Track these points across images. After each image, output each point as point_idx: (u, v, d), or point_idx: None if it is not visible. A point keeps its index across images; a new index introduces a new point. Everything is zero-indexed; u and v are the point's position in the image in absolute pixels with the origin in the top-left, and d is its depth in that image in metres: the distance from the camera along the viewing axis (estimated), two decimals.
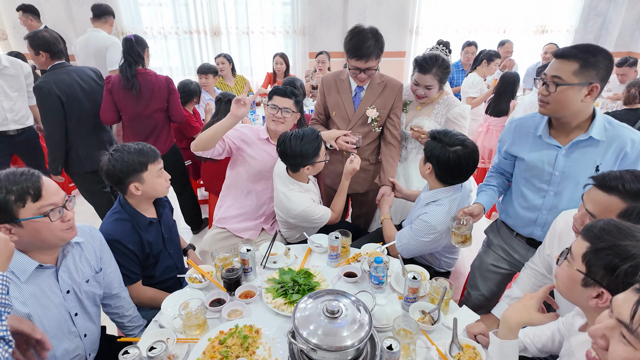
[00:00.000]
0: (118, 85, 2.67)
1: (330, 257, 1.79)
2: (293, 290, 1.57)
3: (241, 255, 1.64)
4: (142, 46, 2.70)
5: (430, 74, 2.09)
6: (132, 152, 1.59)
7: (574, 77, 1.38)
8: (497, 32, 5.49)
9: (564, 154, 1.53)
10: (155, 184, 1.65)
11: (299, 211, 1.94)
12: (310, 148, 1.87)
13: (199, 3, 5.07)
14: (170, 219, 1.87)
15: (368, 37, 1.90)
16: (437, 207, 1.77)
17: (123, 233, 1.60)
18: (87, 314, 1.39)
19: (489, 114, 4.02)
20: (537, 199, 1.64)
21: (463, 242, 1.69)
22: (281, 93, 2.10)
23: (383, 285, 1.60)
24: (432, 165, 1.76)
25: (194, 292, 1.61)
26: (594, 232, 0.96)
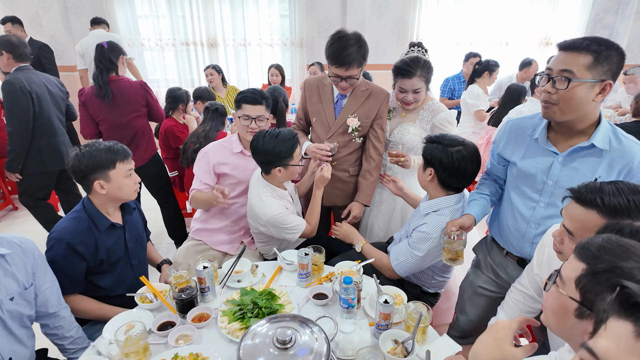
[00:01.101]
0: (91, 96, 2.60)
1: (299, 276, 1.63)
2: (252, 313, 1.40)
3: (197, 273, 1.48)
4: (116, 53, 2.63)
5: (416, 77, 1.95)
6: (102, 149, 1.52)
7: (587, 72, 1.19)
8: (499, 44, 5.36)
9: (561, 161, 1.35)
10: (123, 184, 1.55)
11: (269, 217, 1.79)
12: (283, 147, 1.75)
13: (196, 15, 5.05)
14: (138, 228, 1.74)
15: (350, 43, 1.77)
16: (437, 217, 1.61)
17: (74, 233, 1.48)
18: (11, 334, 1.24)
19: (491, 124, 3.85)
20: (526, 210, 1.46)
21: (454, 260, 1.52)
22: (251, 100, 1.95)
23: (353, 309, 1.43)
24: (435, 170, 1.60)
25: (144, 313, 1.46)
26: (591, 251, 0.78)
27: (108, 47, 2.58)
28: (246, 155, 2.02)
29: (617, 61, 1.19)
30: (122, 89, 2.62)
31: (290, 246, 2.02)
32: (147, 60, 5.34)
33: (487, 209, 1.61)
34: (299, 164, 1.84)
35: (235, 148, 2.03)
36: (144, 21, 5.14)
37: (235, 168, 2.02)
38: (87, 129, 2.71)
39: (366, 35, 5.47)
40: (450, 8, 5.16)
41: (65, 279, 1.48)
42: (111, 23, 4.95)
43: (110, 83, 2.58)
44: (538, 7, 5.20)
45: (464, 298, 1.78)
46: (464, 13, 5.19)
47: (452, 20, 5.22)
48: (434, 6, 5.11)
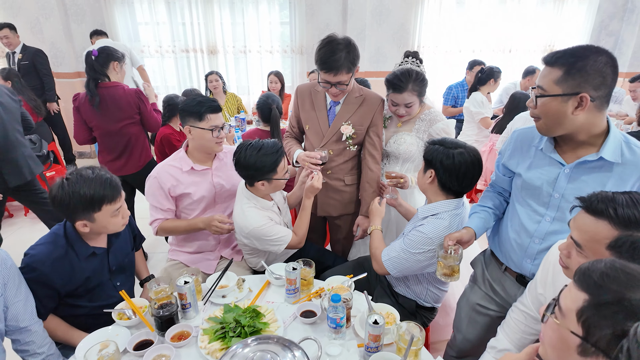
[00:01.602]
0: (85, 101, 2.57)
1: (287, 292, 1.55)
2: (234, 333, 1.32)
3: (177, 289, 1.41)
4: (106, 60, 2.59)
5: (407, 92, 1.89)
6: (89, 185, 1.35)
7: (556, 87, 1.16)
8: (502, 51, 5.29)
9: (567, 173, 1.27)
10: (108, 223, 1.43)
11: (250, 229, 1.72)
12: (266, 161, 1.68)
13: (196, 22, 5.03)
14: (125, 248, 1.64)
15: (339, 48, 1.70)
16: (436, 220, 1.54)
17: (46, 262, 1.38)
18: None
19: (495, 132, 3.77)
20: (530, 224, 1.37)
21: (449, 275, 1.43)
22: (215, 109, 1.83)
23: (342, 329, 1.34)
24: (435, 171, 1.53)
25: (121, 330, 1.38)
26: (594, 279, 0.70)
27: (97, 56, 2.54)
28: (198, 171, 1.90)
29: (596, 71, 1.12)
30: (115, 96, 2.58)
31: (278, 259, 1.94)
32: (147, 67, 5.30)
33: (489, 222, 1.53)
34: (284, 177, 1.77)
35: (185, 166, 1.88)
36: (144, 28, 5.14)
37: (191, 186, 1.89)
38: (80, 135, 2.70)
39: (367, 42, 5.42)
40: (452, 15, 5.10)
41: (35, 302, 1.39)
42: (111, 30, 4.96)
43: (103, 89, 2.55)
44: (542, 14, 5.13)
45: (460, 316, 1.69)
46: (466, 20, 5.14)
47: (454, 27, 5.16)
48: (436, 13, 5.05)
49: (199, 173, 1.91)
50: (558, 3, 5.04)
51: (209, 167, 1.94)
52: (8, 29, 4.18)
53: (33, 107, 4.09)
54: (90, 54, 2.54)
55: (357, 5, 4.91)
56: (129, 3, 4.94)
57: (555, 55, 1.17)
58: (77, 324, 1.52)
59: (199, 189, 1.91)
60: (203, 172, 1.92)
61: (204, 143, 1.86)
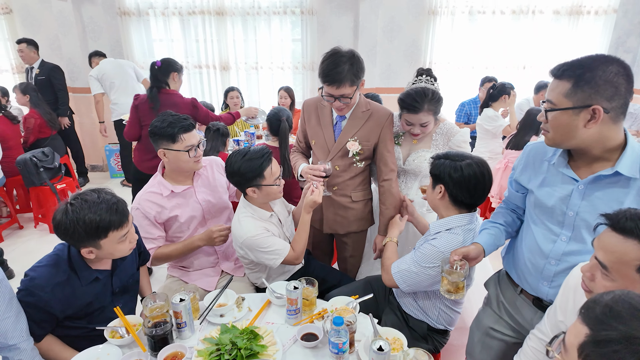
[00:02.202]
0: (145, 103, 2.84)
1: (288, 313, 1.47)
2: (230, 355, 1.25)
3: (173, 307, 1.34)
4: (168, 70, 2.90)
5: (423, 112, 1.84)
6: (94, 210, 1.28)
7: (565, 100, 1.10)
8: (516, 67, 5.20)
9: (581, 189, 1.19)
10: (115, 249, 1.37)
11: (244, 238, 1.67)
12: (250, 166, 1.65)
13: (209, 39, 5.10)
14: (130, 269, 1.58)
15: (342, 60, 1.66)
16: (449, 235, 1.48)
17: (46, 288, 1.32)
18: None
19: (510, 148, 3.67)
20: (545, 244, 1.28)
21: (453, 292, 1.35)
22: (187, 127, 1.76)
23: (344, 355, 1.26)
24: (445, 185, 1.49)
25: (113, 349, 1.32)
26: (595, 313, 0.63)
27: (160, 66, 2.87)
28: (179, 192, 1.84)
29: (606, 82, 1.05)
30: (172, 102, 2.84)
31: (281, 276, 1.87)
32: None
33: (499, 239, 1.44)
34: (274, 183, 1.72)
35: (164, 191, 1.81)
36: (158, 44, 5.23)
37: (175, 209, 1.83)
38: (131, 132, 2.95)
39: (378, 58, 5.42)
40: (464, 31, 5.06)
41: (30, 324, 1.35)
42: (127, 46, 5.07)
43: (163, 95, 2.85)
44: (557, 30, 5.06)
45: (473, 340, 1.58)
46: (478, 36, 5.09)
47: (467, 43, 5.12)
48: (448, 29, 5.03)
49: (180, 194, 1.85)
50: (573, 19, 4.97)
51: (191, 186, 1.88)
52: (25, 44, 4.32)
53: (48, 120, 4.17)
54: (154, 65, 2.87)
55: (368, 23, 4.92)
56: (145, 20, 5.05)
57: (562, 67, 1.12)
58: (73, 344, 1.45)
59: (185, 211, 1.85)
60: (185, 192, 1.86)
61: (181, 165, 1.80)
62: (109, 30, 5.11)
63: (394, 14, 5.01)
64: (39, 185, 3.70)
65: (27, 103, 4.14)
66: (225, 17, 5.01)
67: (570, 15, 4.95)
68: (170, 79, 2.91)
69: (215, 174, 2.00)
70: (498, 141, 4.02)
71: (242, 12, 5.00)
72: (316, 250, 2.24)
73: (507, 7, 4.91)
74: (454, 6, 4.92)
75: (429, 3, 4.94)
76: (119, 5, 4.91)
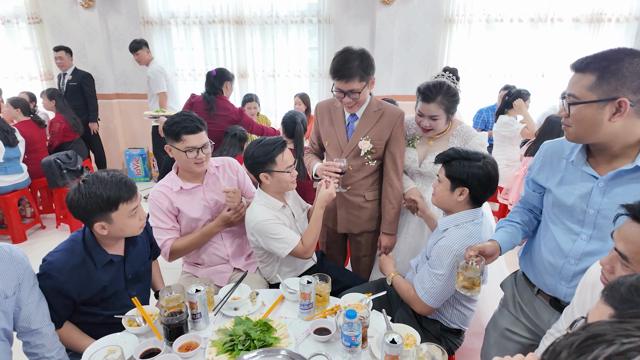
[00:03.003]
0: (200, 103, 3.23)
1: (301, 308, 1.48)
2: (243, 346, 1.26)
3: (188, 297, 1.37)
4: (222, 79, 3.30)
5: (434, 103, 1.83)
6: (104, 186, 1.35)
7: (589, 94, 1.08)
8: (534, 75, 5.14)
9: (601, 186, 1.17)
10: (125, 225, 1.41)
11: (255, 223, 1.72)
12: (262, 151, 1.74)
13: (228, 48, 5.22)
14: (142, 256, 1.62)
15: (352, 57, 1.72)
16: (457, 230, 1.49)
17: (64, 270, 1.36)
18: None
19: (528, 155, 3.62)
20: (565, 243, 1.26)
21: (469, 288, 1.33)
22: (192, 129, 1.77)
23: (357, 348, 1.25)
24: (470, 188, 1.48)
25: (130, 337, 1.35)
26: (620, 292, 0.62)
27: (215, 75, 3.25)
28: (187, 189, 1.88)
29: (633, 73, 1.04)
30: (223, 107, 3.25)
31: (291, 274, 1.89)
32: (181, 90, 5.53)
33: (516, 238, 1.42)
34: (285, 170, 1.76)
35: (175, 186, 1.86)
36: (179, 53, 5.38)
37: (184, 204, 1.87)
38: None
39: (394, 66, 5.43)
40: (481, 39, 5.05)
41: (50, 310, 1.39)
42: None
43: (217, 101, 3.22)
44: (576, 38, 5.00)
45: (489, 342, 1.55)
46: (496, 44, 5.06)
47: (484, 51, 5.10)
48: (465, 37, 5.03)
49: (188, 192, 1.89)
50: (594, 26, 4.90)
51: (200, 184, 1.92)
52: (64, 51, 4.53)
53: (72, 125, 4.32)
54: (210, 74, 3.26)
55: (384, 31, 4.97)
56: (166, 29, 5.22)
57: (585, 60, 1.10)
58: (91, 332, 1.49)
59: (192, 208, 1.89)
60: (193, 190, 1.90)
61: (182, 164, 1.85)
62: (132, 39, 5.27)
63: (410, 23, 5.04)
64: (62, 187, 3.82)
65: (53, 108, 4.30)
66: (244, 26, 5.13)
67: (591, 23, 4.90)
68: (224, 86, 3.31)
69: (227, 174, 2.03)
70: (515, 148, 3.98)
71: (260, 21, 5.11)
72: (330, 250, 2.25)
73: (525, 15, 4.89)
74: (471, 14, 4.92)
75: (445, 11, 4.96)
76: (142, 14, 5.09)
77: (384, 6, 4.86)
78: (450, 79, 1.91)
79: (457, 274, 1.34)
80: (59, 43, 4.94)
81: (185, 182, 1.88)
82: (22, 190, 3.77)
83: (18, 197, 3.78)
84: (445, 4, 4.93)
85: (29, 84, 5.48)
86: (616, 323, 0.44)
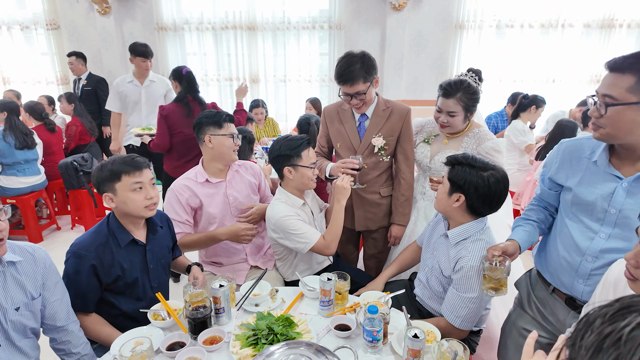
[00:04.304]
0: (173, 111, 2.91)
1: (321, 305, 1.50)
2: (266, 340, 1.29)
3: (212, 292, 1.40)
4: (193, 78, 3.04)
5: (453, 99, 1.86)
6: (116, 161, 1.49)
7: (630, 95, 1.08)
8: (545, 81, 5.15)
9: (625, 187, 1.18)
10: (127, 198, 1.47)
11: (277, 219, 1.77)
12: (289, 145, 1.81)
13: (240, 53, 5.31)
14: (163, 248, 1.67)
15: (354, 60, 1.80)
16: (473, 244, 1.47)
17: (89, 248, 1.43)
18: (13, 346, 1.19)
19: (539, 160, 3.62)
20: (583, 240, 1.27)
21: (497, 289, 1.33)
22: (231, 119, 1.96)
23: (378, 343, 1.28)
24: (467, 196, 1.46)
25: (155, 331, 1.38)
26: None
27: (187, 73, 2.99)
28: (212, 183, 1.95)
29: None
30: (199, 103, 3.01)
31: (307, 272, 1.92)
32: None
33: (534, 236, 1.43)
34: (310, 166, 1.82)
35: (200, 178, 1.94)
36: (192, 58, 5.48)
37: (206, 197, 1.93)
38: (163, 143, 2.97)
39: (404, 71, 5.46)
40: (492, 45, 5.08)
41: (78, 295, 1.43)
42: (162, 60, 5.33)
43: (192, 102, 2.95)
44: (587, 44, 5.01)
45: (506, 343, 1.56)
46: (506, 50, 5.09)
47: (494, 56, 5.12)
48: (475, 43, 5.06)
49: (213, 185, 1.96)
50: (605, 33, 4.90)
51: (223, 180, 1.99)
52: (75, 57, 4.61)
53: (88, 128, 4.41)
54: (180, 72, 2.98)
55: (395, 37, 5.02)
56: (180, 35, 5.32)
57: (625, 60, 1.10)
58: (115, 325, 1.52)
59: (213, 201, 1.95)
60: (217, 184, 1.97)
61: (223, 150, 1.92)
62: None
63: (420, 28, 5.09)
64: (78, 188, 3.89)
65: (71, 112, 4.40)
66: (257, 32, 5.21)
67: (602, 29, 4.90)
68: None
69: (248, 176, 2.10)
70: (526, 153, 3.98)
71: (272, 27, 5.19)
72: (343, 249, 2.28)
73: (536, 20, 4.91)
74: (481, 20, 4.96)
75: (456, 17, 5.00)
76: (157, 20, 5.20)
77: (395, 12, 4.92)
78: (472, 78, 1.94)
79: (484, 276, 1.34)
80: (75, 49, 5.05)
81: (211, 176, 1.96)
82: (39, 192, 3.85)
83: (35, 199, 3.86)
84: (456, 10, 4.98)
85: (45, 88, 5.61)
86: None
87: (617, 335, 0.44)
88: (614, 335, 0.44)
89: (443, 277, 1.57)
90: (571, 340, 0.49)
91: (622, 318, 0.44)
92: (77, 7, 5.28)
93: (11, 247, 1.20)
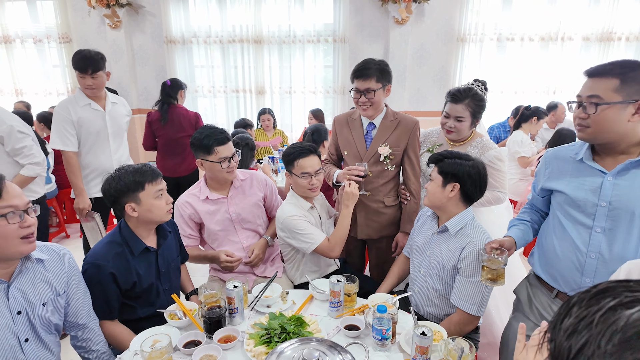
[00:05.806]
0: (156, 118, 3.46)
1: (331, 306, 1.55)
2: (279, 338, 1.34)
3: (227, 292, 1.46)
4: (176, 88, 3.50)
5: (462, 104, 1.95)
6: (130, 172, 1.53)
7: (615, 95, 1.20)
8: (546, 93, 5.23)
9: (611, 180, 1.27)
10: (152, 205, 1.53)
11: (284, 218, 1.87)
12: (288, 152, 1.93)
13: (247, 65, 5.43)
14: (172, 252, 1.73)
15: (372, 62, 1.93)
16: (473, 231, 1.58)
17: (107, 257, 1.48)
18: (40, 340, 1.25)
19: None
20: (580, 238, 1.34)
21: (495, 280, 1.40)
22: (223, 140, 1.89)
23: (387, 342, 1.33)
24: (462, 183, 1.57)
25: (172, 330, 1.43)
26: None
27: (170, 85, 3.45)
28: (213, 200, 1.98)
29: None
30: (179, 115, 3.48)
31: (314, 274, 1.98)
32: (200, 106, 5.74)
33: (528, 235, 1.53)
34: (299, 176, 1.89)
35: (202, 195, 1.97)
36: (199, 70, 5.60)
37: (206, 215, 1.98)
38: (147, 142, 3.58)
39: (407, 83, 5.55)
40: (493, 57, 5.18)
41: (101, 304, 1.48)
42: (170, 72, 5.45)
43: (172, 108, 3.45)
44: (586, 56, 5.10)
45: (507, 350, 1.59)
46: (507, 62, 5.19)
47: (496, 69, 5.21)
48: (476, 56, 5.16)
49: (213, 202, 1.99)
50: (604, 45, 5.00)
51: (225, 196, 2.01)
52: None
53: None
54: (165, 84, 3.44)
55: (398, 50, 5.13)
56: (188, 48, 5.45)
57: (605, 67, 1.23)
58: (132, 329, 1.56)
59: (213, 218, 1.99)
60: (218, 200, 1.99)
61: (215, 174, 1.94)
62: (156, 57, 5.53)
63: (423, 42, 5.20)
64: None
65: None
66: (263, 45, 5.34)
67: (601, 42, 4.99)
68: (179, 95, 3.52)
69: (254, 189, 2.10)
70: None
71: (278, 40, 5.32)
72: (349, 258, 2.33)
73: (536, 34, 5.01)
74: (482, 33, 5.07)
75: (457, 31, 5.12)
76: (166, 34, 5.34)
77: (398, 26, 5.04)
78: (479, 87, 2.03)
79: (482, 267, 1.41)
80: None
81: (212, 193, 1.99)
82: (50, 200, 3.92)
83: None
84: (457, 24, 5.10)
85: (56, 99, 5.73)
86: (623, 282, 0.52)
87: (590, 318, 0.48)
88: (588, 319, 0.48)
89: (444, 271, 1.61)
90: (552, 324, 0.54)
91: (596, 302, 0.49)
92: (89, 20, 5.43)
93: (39, 247, 1.27)
